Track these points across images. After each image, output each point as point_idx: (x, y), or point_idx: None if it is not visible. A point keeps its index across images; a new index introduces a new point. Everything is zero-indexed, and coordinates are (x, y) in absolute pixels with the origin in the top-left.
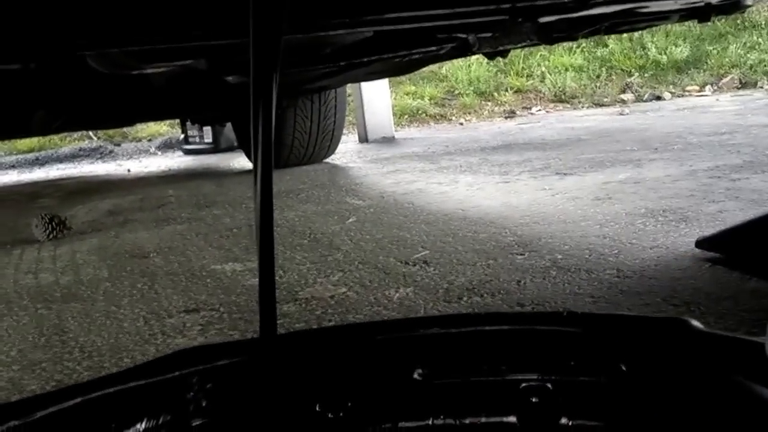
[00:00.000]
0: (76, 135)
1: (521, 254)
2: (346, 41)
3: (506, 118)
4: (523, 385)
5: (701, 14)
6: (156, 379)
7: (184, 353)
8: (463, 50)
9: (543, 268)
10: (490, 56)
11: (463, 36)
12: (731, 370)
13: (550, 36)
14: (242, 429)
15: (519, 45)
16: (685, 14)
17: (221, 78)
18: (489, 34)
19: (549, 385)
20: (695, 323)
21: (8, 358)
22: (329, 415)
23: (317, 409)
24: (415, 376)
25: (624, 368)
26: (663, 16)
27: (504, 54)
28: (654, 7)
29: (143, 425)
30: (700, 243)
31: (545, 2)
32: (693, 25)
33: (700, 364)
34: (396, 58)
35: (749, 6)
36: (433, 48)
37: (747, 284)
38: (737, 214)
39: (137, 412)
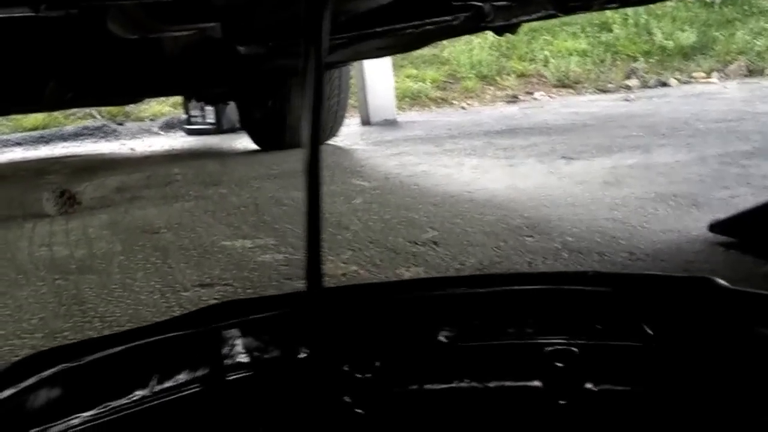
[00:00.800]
0: (79, 113)
1: (531, 236)
2: (361, 8)
3: (509, 102)
4: (548, 349)
5: None
6: (196, 331)
7: (225, 306)
8: (476, 20)
9: (554, 250)
10: (500, 31)
11: (479, 4)
12: (757, 323)
13: (567, 5)
14: (273, 386)
15: (533, 17)
16: None
17: (234, 48)
18: (505, 2)
19: (575, 349)
20: (720, 281)
21: (30, 326)
22: (357, 376)
23: (346, 369)
24: (441, 338)
25: (650, 330)
26: None
27: (514, 28)
28: None
29: (183, 376)
30: (713, 227)
31: None
32: (699, 11)
33: (727, 319)
34: (408, 29)
35: None
36: (448, 18)
37: (761, 268)
38: (749, 200)
39: (177, 364)
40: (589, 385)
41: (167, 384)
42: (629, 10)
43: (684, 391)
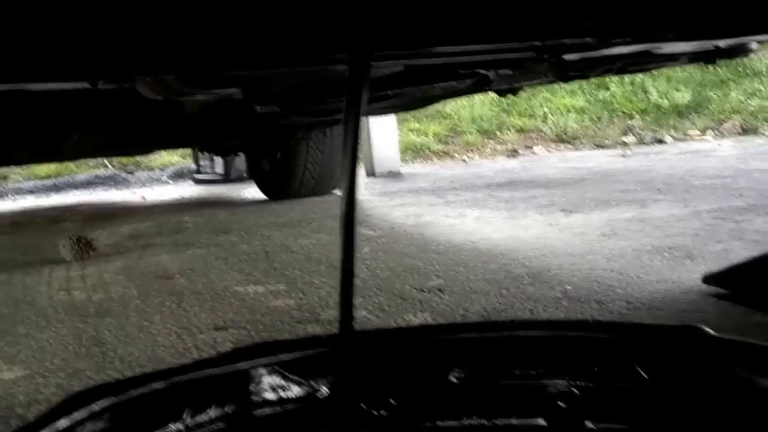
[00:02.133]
0: (91, 163)
1: (532, 284)
2: (377, 74)
3: (509, 156)
4: (551, 390)
5: (708, 57)
6: (227, 370)
7: (254, 347)
8: (481, 85)
9: (554, 298)
10: (502, 93)
11: (484, 72)
12: (739, 367)
13: (566, 74)
14: (295, 422)
15: (534, 82)
16: (693, 57)
17: (251, 107)
18: (508, 71)
19: (575, 390)
20: (708, 330)
21: (53, 365)
22: (373, 413)
23: (363, 406)
24: (452, 378)
25: (645, 373)
26: (673, 58)
27: (516, 91)
28: (667, 49)
29: (213, 412)
30: (707, 279)
31: (571, 41)
32: (694, 71)
33: (712, 364)
34: (417, 92)
35: (753, 51)
36: (454, 83)
37: (751, 318)
38: (741, 253)
39: (209, 400)
40: (589, 424)
41: (199, 419)
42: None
43: (674, 428)
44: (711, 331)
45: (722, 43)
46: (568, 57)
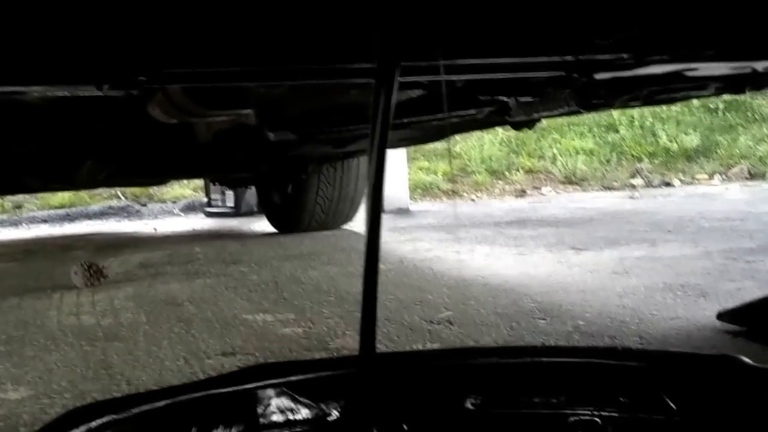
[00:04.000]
0: (105, 194)
1: (543, 319)
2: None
3: (517, 196)
4: (572, 419)
5: (739, 83)
6: (234, 389)
7: (261, 367)
8: (500, 114)
9: (566, 333)
10: (519, 126)
11: (504, 99)
12: None
13: (590, 102)
14: None
15: (554, 113)
16: (723, 84)
17: (264, 134)
18: (529, 98)
19: (598, 420)
20: (744, 359)
21: (60, 387)
22: None
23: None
24: (468, 404)
25: (673, 404)
26: (702, 85)
27: (533, 123)
28: (700, 72)
29: None
30: (721, 316)
31: (605, 57)
32: (703, 116)
33: (750, 395)
34: (433, 121)
35: None
36: (473, 111)
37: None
38: (755, 292)
39: (215, 419)
40: None
41: None
42: (635, 113)
43: None
44: (749, 361)
45: (760, 66)
46: (599, 76)
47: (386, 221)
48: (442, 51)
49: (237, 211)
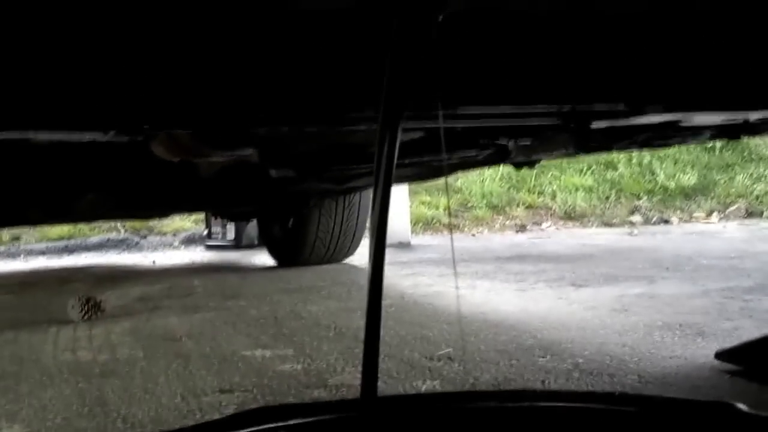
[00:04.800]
0: (104, 226)
1: (543, 356)
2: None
3: (517, 232)
4: None
5: (734, 131)
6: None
7: (262, 411)
8: (499, 156)
9: (566, 370)
10: (519, 166)
11: (504, 142)
12: None
13: (588, 146)
14: None
15: (553, 154)
16: (718, 131)
17: (266, 171)
18: (528, 141)
19: None
20: (742, 406)
21: (54, 425)
22: None
23: None
24: None
25: None
26: (697, 132)
27: (533, 164)
28: (695, 121)
29: None
30: (719, 355)
31: (601, 107)
32: (701, 155)
33: None
34: (434, 162)
35: None
36: (473, 152)
37: (766, 394)
38: (753, 331)
39: None
40: None
41: None
42: (634, 152)
43: None
44: (746, 408)
45: (753, 116)
46: (595, 125)
47: (388, 255)
48: (442, 101)
49: (237, 244)
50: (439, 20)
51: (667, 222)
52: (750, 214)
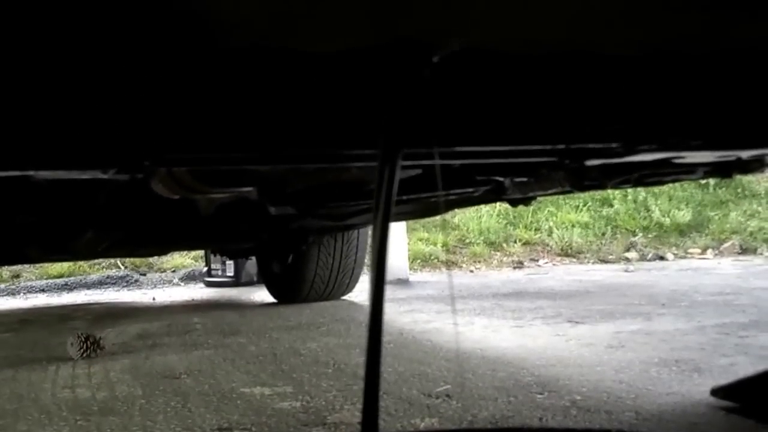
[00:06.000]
0: (104, 263)
1: (540, 393)
2: None
3: (515, 268)
4: None
5: (726, 169)
6: None
7: None
8: (496, 193)
9: (563, 407)
10: (515, 203)
11: (500, 179)
12: None
13: (582, 183)
14: None
15: (549, 192)
16: (711, 169)
17: (265, 209)
18: (524, 179)
19: None
20: None
21: None
22: None
23: None
24: None
25: None
26: (690, 170)
27: (529, 201)
28: (688, 159)
29: None
30: (715, 392)
31: (596, 146)
32: (695, 191)
33: None
34: (431, 198)
35: None
36: (470, 189)
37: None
38: (748, 368)
39: None
40: None
41: None
42: (629, 189)
43: None
44: None
45: (745, 155)
46: (589, 163)
47: (386, 292)
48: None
49: (237, 281)
50: (435, 61)
51: (662, 258)
52: (744, 250)
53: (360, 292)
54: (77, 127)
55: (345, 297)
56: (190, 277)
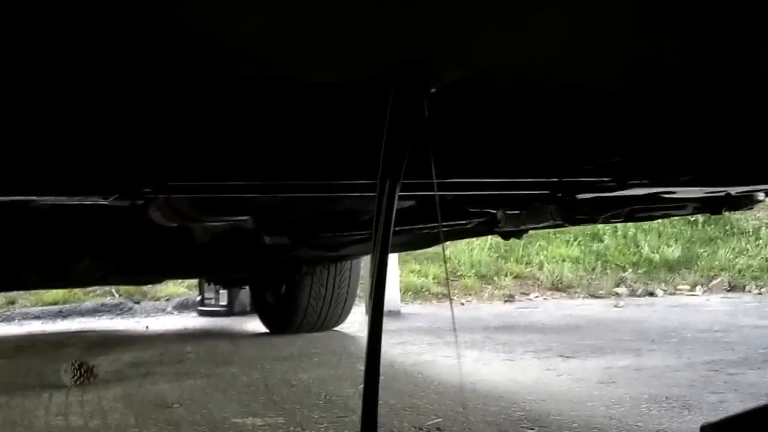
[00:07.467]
0: (98, 291)
1: (531, 428)
2: None
3: (506, 301)
4: None
5: (715, 205)
6: None
7: None
8: (488, 226)
9: None
10: (507, 236)
11: (493, 212)
12: None
13: (574, 217)
14: None
15: (540, 225)
16: (700, 205)
17: (260, 238)
18: (516, 211)
19: None
20: None
21: None
22: None
23: None
24: None
25: None
26: (680, 206)
27: (521, 234)
28: (679, 195)
29: None
30: (705, 428)
31: (587, 180)
32: (684, 228)
33: None
34: (425, 230)
35: (760, 201)
36: (463, 222)
37: None
38: (737, 405)
39: None
40: None
41: None
42: (619, 224)
43: None
44: None
45: (734, 191)
46: (581, 196)
47: None
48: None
49: (230, 311)
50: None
51: (652, 294)
52: (733, 287)
53: (352, 324)
54: (81, 154)
55: (337, 328)
56: (183, 306)
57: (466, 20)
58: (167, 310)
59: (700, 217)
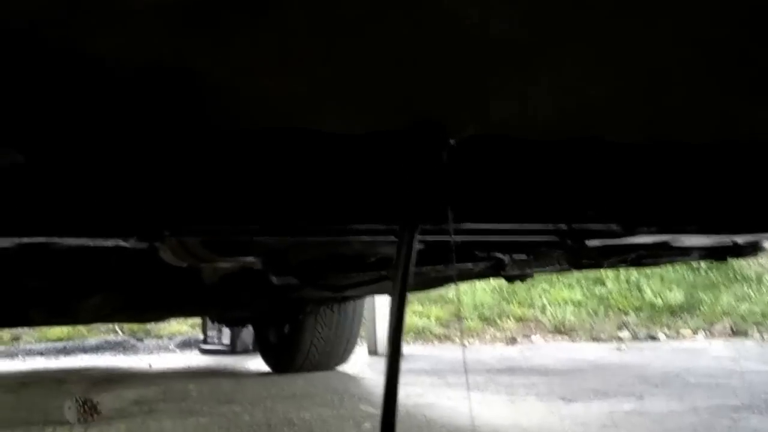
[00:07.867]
0: (102, 328)
1: None
2: (391, 253)
3: (508, 344)
4: None
5: (721, 253)
6: None
7: None
8: (495, 270)
9: None
10: (512, 279)
11: (500, 256)
12: None
13: (580, 262)
14: None
15: (546, 269)
16: (706, 252)
17: (267, 278)
18: (524, 256)
19: None
20: None
21: None
22: None
23: None
24: None
25: None
26: (686, 252)
27: (526, 278)
28: (685, 242)
29: None
30: None
31: (596, 227)
32: (687, 273)
33: None
34: (432, 273)
35: (765, 249)
36: (470, 265)
37: None
38: None
39: None
40: None
41: None
42: (621, 268)
43: None
44: None
45: (741, 239)
46: (590, 243)
47: (379, 363)
48: (452, 216)
49: (233, 349)
50: (452, 144)
51: (654, 338)
52: (735, 332)
53: (354, 363)
54: (105, 198)
55: (339, 368)
56: (186, 344)
57: (483, 83)
58: (170, 348)
59: (703, 263)
